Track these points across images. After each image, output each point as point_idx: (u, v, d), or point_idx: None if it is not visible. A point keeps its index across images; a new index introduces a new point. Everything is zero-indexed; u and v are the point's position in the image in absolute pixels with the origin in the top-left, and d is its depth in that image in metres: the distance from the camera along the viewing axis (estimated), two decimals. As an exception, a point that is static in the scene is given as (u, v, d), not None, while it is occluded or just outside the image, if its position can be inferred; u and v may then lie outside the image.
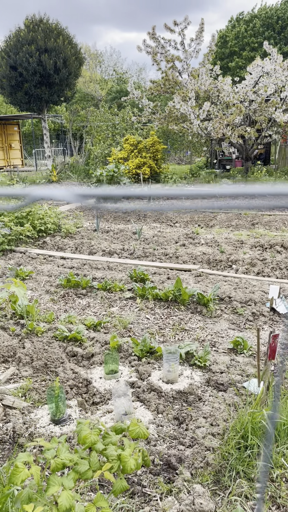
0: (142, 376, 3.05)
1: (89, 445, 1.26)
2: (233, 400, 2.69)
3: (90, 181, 15.30)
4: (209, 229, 7.96)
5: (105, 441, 1.33)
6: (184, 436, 2.37)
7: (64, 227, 7.66)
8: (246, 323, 3.93)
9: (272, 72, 13.81)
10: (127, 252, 6.45)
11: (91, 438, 1.27)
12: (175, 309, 4.26)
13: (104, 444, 1.32)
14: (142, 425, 1.41)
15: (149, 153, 16.10)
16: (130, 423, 1.42)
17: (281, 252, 6.01)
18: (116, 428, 1.42)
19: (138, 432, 1.37)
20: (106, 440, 1.33)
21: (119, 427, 1.42)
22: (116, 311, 4.29)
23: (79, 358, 3.38)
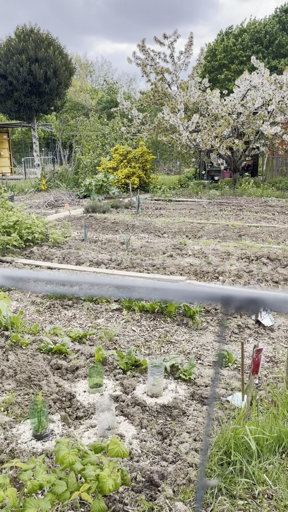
0: (126, 390, 3.04)
1: (67, 466, 1.24)
2: (217, 414, 2.69)
3: (79, 190, 15.31)
4: (197, 240, 8.00)
5: (84, 461, 1.31)
6: (167, 451, 2.36)
7: (51, 236, 7.62)
8: (231, 335, 3.94)
9: (260, 86, 14.05)
10: (115, 263, 6.44)
11: (69, 458, 1.25)
12: (161, 321, 4.26)
13: (83, 463, 1.30)
14: (122, 443, 1.40)
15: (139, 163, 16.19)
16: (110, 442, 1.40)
17: (267, 264, 6.06)
18: (96, 447, 1.40)
19: (117, 451, 1.36)
20: (85, 459, 1.32)
21: (98, 445, 1.40)
22: (102, 322, 4.27)
23: (63, 371, 3.35)
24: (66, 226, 9.06)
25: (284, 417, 2.43)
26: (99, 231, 8.95)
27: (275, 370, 3.28)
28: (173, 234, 8.51)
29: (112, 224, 9.62)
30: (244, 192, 14.62)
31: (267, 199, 13.59)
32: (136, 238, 8.18)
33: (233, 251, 6.88)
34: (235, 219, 10.15)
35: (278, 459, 2.16)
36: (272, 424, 2.29)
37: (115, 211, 11.74)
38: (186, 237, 8.23)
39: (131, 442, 2.49)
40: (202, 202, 13.39)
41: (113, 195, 14.38)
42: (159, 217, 10.77)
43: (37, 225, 7.78)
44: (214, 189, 15.83)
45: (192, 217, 10.59)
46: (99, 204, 11.63)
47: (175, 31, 14.33)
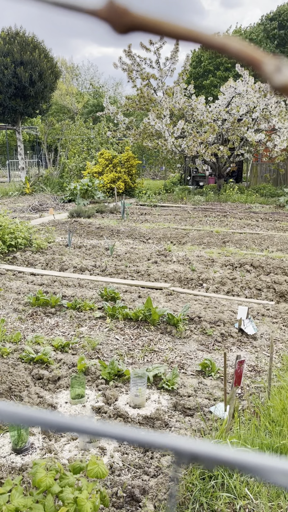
0: (109, 401, 3.00)
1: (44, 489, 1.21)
2: (200, 426, 2.68)
3: (64, 194, 15.22)
4: (181, 246, 8.02)
5: (62, 483, 1.28)
6: (149, 465, 2.34)
7: (35, 242, 7.55)
8: (214, 344, 3.94)
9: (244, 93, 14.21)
10: (99, 269, 6.41)
11: (46, 481, 1.22)
12: (145, 329, 4.24)
13: (61, 485, 1.27)
14: (102, 463, 1.38)
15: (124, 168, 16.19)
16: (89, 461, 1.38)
17: (251, 272, 6.10)
18: (75, 467, 1.37)
19: (96, 471, 1.33)
20: (63, 481, 1.29)
21: (77, 466, 1.37)
22: (85, 331, 4.23)
23: (45, 381, 3.30)
24: (50, 231, 8.99)
25: (266, 428, 2.44)
26: (83, 237, 8.90)
27: (258, 380, 3.29)
28: (158, 240, 8.51)
29: (97, 229, 9.58)
30: (229, 198, 14.74)
31: (251, 205, 13.73)
32: (121, 244, 8.15)
33: (217, 258, 6.91)
34: (219, 226, 10.21)
35: (260, 472, 2.16)
36: (254, 436, 2.29)
37: (100, 216, 11.70)
38: (171, 243, 8.24)
39: (112, 455, 2.46)
40: (187, 207, 13.44)
41: (98, 200, 14.34)
42: (144, 222, 10.77)
43: (20, 230, 7.69)
44: (199, 195, 15.93)
45: (177, 223, 10.62)
46: (84, 209, 11.58)
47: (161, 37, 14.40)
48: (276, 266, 6.19)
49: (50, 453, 2.49)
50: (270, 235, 8.87)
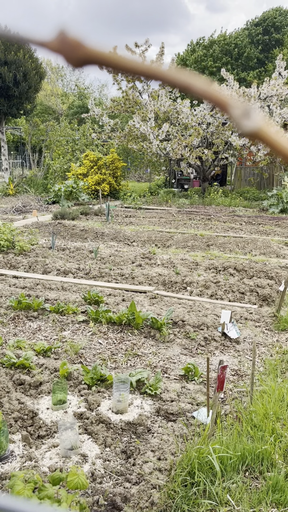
0: (91, 406, 2.97)
1: (21, 502, 1.18)
2: (182, 431, 2.67)
3: (48, 195, 15.10)
4: (166, 249, 8.02)
5: (41, 495, 1.26)
6: (131, 472, 2.31)
7: (18, 244, 7.46)
8: (198, 348, 3.95)
9: (229, 98, 14.32)
10: (83, 272, 6.36)
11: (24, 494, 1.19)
12: (128, 333, 4.22)
13: (39, 497, 1.24)
14: (82, 473, 1.35)
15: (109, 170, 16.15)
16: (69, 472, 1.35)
17: (234, 275, 6.14)
18: (54, 478, 1.35)
19: (76, 482, 1.31)
20: (42, 493, 1.26)
21: (57, 476, 1.35)
22: (68, 335, 4.19)
23: (26, 386, 3.25)
24: (33, 233, 8.90)
25: (248, 434, 2.44)
26: (67, 239, 8.83)
27: (241, 384, 3.30)
28: (143, 242, 8.50)
29: (81, 231, 9.52)
30: (213, 202, 14.83)
31: (235, 209, 13.84)
32: (105, 247, 8.12)
33: (201, 261, 6.93)
34: (203, 229, 10.26)
35: (242, 478, 2.16)
36: (236, 441, 2.29)
37: (84, 218, 11.64)
38: (155, 246, 8.24)
39: (94, 462, 2.43)
40: (171, 210, 13.48)
41: (83, 202, 14.26)
42: (128, 225, 10.75)
43: (3, 232, 7.59)
44: (184, 197, 15.99)
45: (161, 226, 10.63)
46: (68, 211, 11.50)
47: (147, 40, 14.45)
48: (259, 270, 6.24)
49: (31, 461, 2.44)
50: (254, 238, 8.94)
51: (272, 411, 2.57)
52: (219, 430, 2.37)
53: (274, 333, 4.31)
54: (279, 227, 10.65)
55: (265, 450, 2.25)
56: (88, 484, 1.41)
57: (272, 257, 7.36)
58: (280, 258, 7.35)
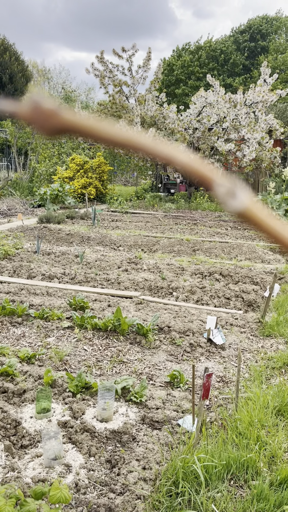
0: (75, 415, 2.94)
1: (2, 520, 1.15)
2: (168, 439, 2.65)
3: (34, 199, 14.98)
4: (152, 254, 8.02)
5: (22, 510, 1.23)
6: (116, 482, 2.29)
7: (2, 248, 7.37)
8: (183, 354, 3.94)
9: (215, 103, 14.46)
10: (68, 277, 6.31)
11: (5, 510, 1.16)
12: (114, 340, 4.19)
13: (21, 514, 1.22)
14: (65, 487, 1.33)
15: (95, 174, 16.12)
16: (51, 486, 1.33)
17: (220, 280, 6.17)
18: (36, 492, 1.32)
19: (59, 497, 1.29)
20: (24, 508, 1.24)
21: (39, 490, 1.32)
22: (53, 341, 4.14)
23: (9, 394, 3.19)
24: (18, 237, 8.81)
25: (233, 441, 2.44)
26: (53, 243, 8.76)
27: (226, 391, 3.30)
28: (129, 247, 8.49)
29: (66, 235, 9.46)
30: (199, 206, 14.92)
31: (221, 213, 13.94)
32: (91, 251, 8.08)
33: (187, 266, 6.95)
34: (189, 234, 10.29)
35: (227, 487, 2.15)
36: (221, 450, 2.28)
37: (70, 222, 11.57)
38: (142, 250, 8.24)
39: (78, 473, 2.40)
40: (158, 215, 13.50)
41: (69, 205, 14.19)
42: (115, 229, 10.73)
43: (-13, 236, 7.50)
44: (170, 202, 16.04)
45: (148, 230, 10.64)
46: (54, 215, 11.42)
47: (134, 45, 14.50)
48: (245, 275, 6.28)
49: (13, 471, 2.40)
50: (239, 243, 9.01)
51: (257, 419, 2.57)
52: (204, 438, 2.36)
53: (259, 339, 4.34)
54: (264, 232, 10.75)
55: (250, 459, 2.25)
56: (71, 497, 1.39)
57: (257, 263, 7.42)
58: (265, 263, 7.41)
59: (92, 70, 14.99)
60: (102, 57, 14.71)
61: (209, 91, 14.80)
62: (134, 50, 14.43)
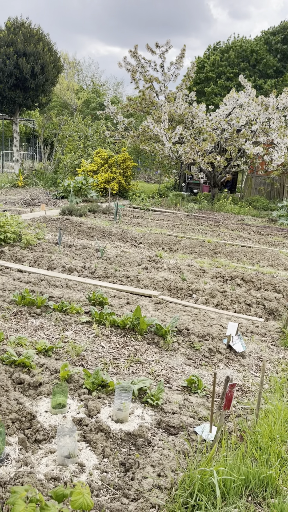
0: (91, 413, 2.89)
1: (22, 525, 1.11)
2: (184, 446, 2.58)
3: (57, 190, 15.04)
4: (173, 253, 7.94)
5: (42, 516, 1.18)
6: (129, 487, 2.23)
7: (25, 237, 7.39)
8: (202, 359, 3.86)
9: (246, 105, 14.23)
10: (88, 271, 6.29)
11: (25, 517, 1.12)
12: (131, 339, 4.14)
13: (40, 520, 1.17)
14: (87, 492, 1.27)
15: (119, 169, 16.08)
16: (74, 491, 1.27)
17: (241, 285, 6.05)
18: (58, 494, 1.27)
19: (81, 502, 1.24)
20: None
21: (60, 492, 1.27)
22: (71, 335, 4.11)
23: (25, 386, 3.17)
24: (40, 227, 8.83)
25: (252, 456, 2.36)
26: (74, 236, 8.76)
27: (244, 400, 3.21)
28: (150, 245, 8.42)
29: (88, 229, 9.45)
30: (222, 208, 14.74)
31: (244, 217, 13.74)
32: (111, 246, 8.04)
33: (208, 268, 6.85)
34: (211, 235, 10.17)
35: (244, 503, 2.08)
36: (241, 464, 2.21)
37: (92, 216, 11.57)
38: (162, 249, 8.16)
39: (91, 473, 2.36)
40: (180, 214, 13.39)
41: (91, 199, 14.20)
42: (136, 226, 10.67)
43: (10, 224, 7.53)
44: (193, 202, 15.90)
45: (169, 229, 10.55)
46: (76, 207, 11.43)
47: (168, 42, 14.37)
48: (267, 282, 6.15)
49: (26, 466, 2.37)
50: (262, 249, 8.84)
51: (278, 434, 2.48)
52: (224, 450, 2.29)
53: (281, 349, 4.22)
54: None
55: (270, 475, 2.16)
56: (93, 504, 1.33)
57: (280, 270, 7.26)
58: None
59: (125, 64, 14.92)
60: (135, 52, 14.63)
61: (241, 92, 14.58)
62: (167, 46, 14.30)
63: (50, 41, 17.96)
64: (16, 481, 2.19)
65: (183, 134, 14.64)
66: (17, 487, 1.26)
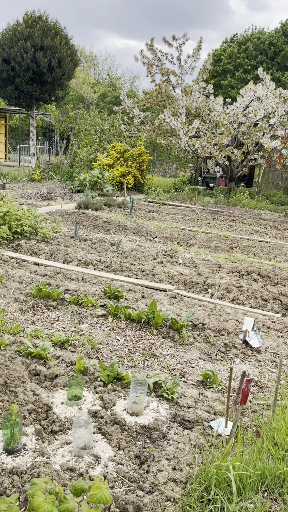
0: (106, 405, 2.91)
1: (40, 515, 1.12)
2: (199, 441, 2.58)
3: (73, 184, 15.09)
4: (188, 248, 7.91)
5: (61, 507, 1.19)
6: (145, 479, 2.24)
7: (41, 231, 7.44)
8: (217, 354, 3.84)
9: (264, 98, 14.02)
10: (104, 264, 6.30)
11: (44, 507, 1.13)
12: (147, 332, 4.14)
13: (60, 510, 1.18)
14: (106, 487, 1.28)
15: (135, 163, 16.05)
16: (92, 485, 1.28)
17: (258, 281, 5.99)
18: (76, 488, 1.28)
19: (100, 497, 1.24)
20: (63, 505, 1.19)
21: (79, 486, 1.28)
22: (86, 328, 4.13)
23: (41, 378, 3.20)
24: (56, 221, 8.88)
25: (268, 451, 2.34)
26: (90, 229, 8.79)
27: (260, 396, 3.19)
28: (165, 239, 8.40)
29: (103, 223, 9.47)
30: (238, 203, 14.60)
31: (261, 211, 13.59)
32: (127, 240, 8.04)
33: (224, 263, 6.80)
34: (227, 230, 10.09)
35: (260, 498, 2.06)
36: (257, 459, 2.19)
37: (107, 210, 11.58)
38: (178, 244, 8.13)
39: (106, 465, 2.37)
40: (195, 208, 13.31)
41: (107, 193, 14.21)
42: (151, 220, 10.65)
43: (27, 217, 7.59)
44: (209, 196, 15.78)
45: (184, 224, 10.50)
46: (92, 201, 11.46)
47: (185, 34, 14.22)
48: (284, 278, 6.07)
49: (43, 456, 2.40)
50: (279, 244, 8.74)
51: (295, 430, 2.45)
52: (240, 445, 2.27)
53: (297, 345, 4.17)
54: (305, 234, 10.40)
55: (286, 472, 2.14)
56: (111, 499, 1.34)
57: (297, 265, 7.16)
58: (305, 266, 7.14)
59: (141, 57, 14.83)
60: (152, 45, 14.52)
61: (258, 84, 14.36)
62: (184, 38, 14.16)
63: (67, 35, 17.96)
64: (33, 471, 2.21)
65: (200, 128, 14.51)
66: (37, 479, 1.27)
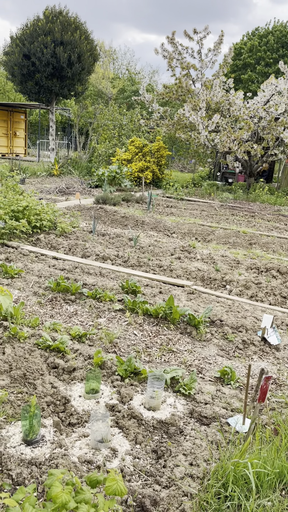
0: (123, 400, 2.92)
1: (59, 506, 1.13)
2: (216, 437, 2.57)
3: (92, 179, 15.15)
4: (206, 243, 7.86)
5: (78, 498, 1.20)
6: (161, 474, 2.24)
7: (60, 225, 7.50)
8: (235, 351, 3.81)
9: (285, 92, 13.79)
10: (121, 259, 6.32)
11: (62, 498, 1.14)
12: (164, 328, 4.14)
13: (76, 501, 1.19)
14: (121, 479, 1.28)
15: (154, 158, 16.00)
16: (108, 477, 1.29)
17: (277, 278, 5.92)
18: (92, 479, 1.29)
19: (115, 489, 1.25)
20: (79, 496, 1.21)
21: (94, 478, 1.29)
22: (104, 322, 4.15)
23: (60, 371, 3.24)
24: (75, 215, 8.94)
25: (287, 449, 2.31)
26: (108, 224, 8.82)
27: (279, 394, 3.16)
28: (183, 235, 8.36)
29: (121, 218, 9.49)
30: (258, 198, 14.42)
31: (281, 208, 13.40)
32: (144, 236, 8.04)
33: (243, 259, 6.73)
34: (246, 226, 9.98)
35: (278, 497, 2.04)
36: (275, 457, 2.17)
37: (125, 205, 11.59)
38: (196, 239, 8.09)
39: (123, 458, 2.38)
40: (214, 204, 13.21)
41: (125, 188, 14.22)
42: (169, 215, 10.62)
43: (46, 212, 7.66)
44: (228, 192, 15.64)
45: (203, 219, 10.44)
46: (110, 196, 11.49)
47: (206, 27, 14.06)
48: (304, 275, 5.98)
49: (61, 448, 2.42)
50: (299, 241, 8.60)
51: (314, 429, 2.42)
52: (258, 443, 2.26)
53: None
54: None
55: (305, 471, 2.12)
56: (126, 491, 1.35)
57: None
58: None
59: (161, 51, 14.74)
60: (173, 38, 14.41)
61: (280, 78, 14.12)
62: (206, 32, 14.00)
63: (87, 30, 17.97)
64: (51, 462, 2.24)
65: (219, 123, 14.37)
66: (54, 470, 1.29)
